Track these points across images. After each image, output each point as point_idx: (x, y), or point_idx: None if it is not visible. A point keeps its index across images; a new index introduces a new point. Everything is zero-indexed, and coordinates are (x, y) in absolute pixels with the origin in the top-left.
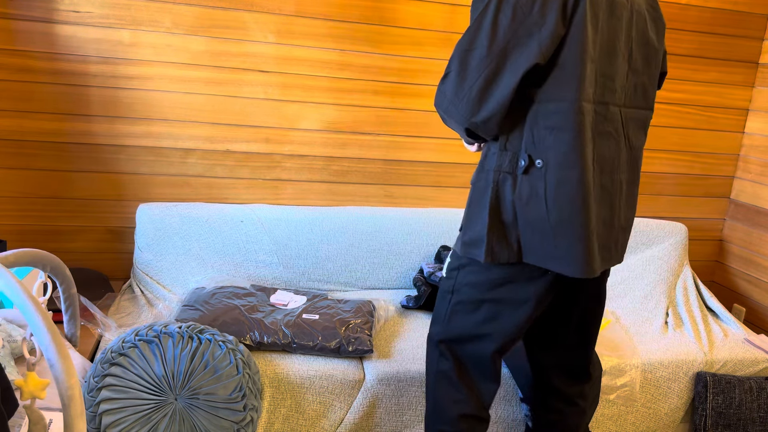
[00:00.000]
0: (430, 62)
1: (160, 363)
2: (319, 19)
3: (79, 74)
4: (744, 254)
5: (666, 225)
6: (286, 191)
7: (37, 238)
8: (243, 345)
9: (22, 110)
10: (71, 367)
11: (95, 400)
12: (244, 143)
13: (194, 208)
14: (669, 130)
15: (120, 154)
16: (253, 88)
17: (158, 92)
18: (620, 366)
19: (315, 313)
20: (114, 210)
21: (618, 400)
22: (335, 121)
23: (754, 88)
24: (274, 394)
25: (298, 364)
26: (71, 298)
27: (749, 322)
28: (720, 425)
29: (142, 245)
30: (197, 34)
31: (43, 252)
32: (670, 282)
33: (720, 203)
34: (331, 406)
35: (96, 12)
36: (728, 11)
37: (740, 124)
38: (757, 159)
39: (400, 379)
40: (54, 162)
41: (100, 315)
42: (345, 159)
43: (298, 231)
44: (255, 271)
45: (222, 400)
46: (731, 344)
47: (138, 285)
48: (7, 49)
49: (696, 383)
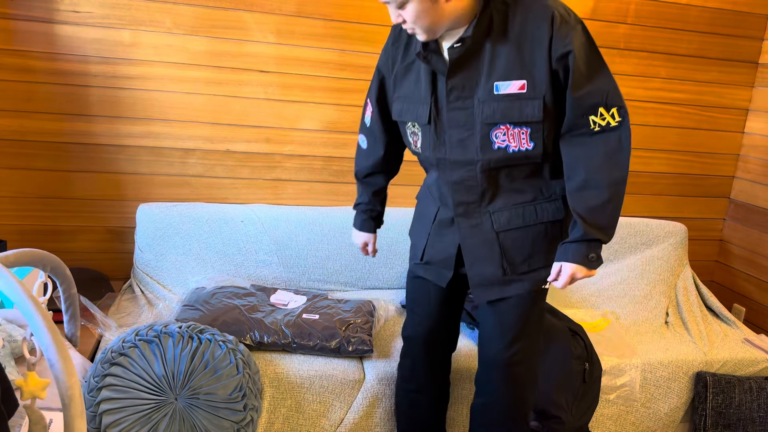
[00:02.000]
0: None
1: (160, 363)
2: (319, 19)
3: (80, 74)
4: (744, 254)
5: (666, 225)
6: (286, 191)
7: (37, 238)
8: (243, 345)
9: (22, 110)
10: (71, 367)
11: (95, 400)
12: (244, 143)
13: (194, 208)
14: (669, 130)
15: (120, 154)
16: (253, 88)
17: (158, 92)
18: (620, 366)
19: (315, 313)
20: (114, 210)
21: (618, 399)
22: (335, 121)
23: (754, 88)
24: (274, 394)
25: (298, 364)
26: (71, 298)
27: (749, 322)
28: (720, 425)
29: (143, 245)
30: (197, 34)
31: (43, 252)
32: (670, 282)
33: (720, 203)
34: (331, 406)
35: (96, 12)
36: (728, 11)
37: (740, 124)
38: (756, 159)
39: None
40: (54, 162)
41: (100, 315)
42: (345, 159)
43: (298, 231)
44: (255, 271)
45: (222, 400)
46: (731, 344)
47: (138, 285)
48: (7, 49)
49: (696, 383)
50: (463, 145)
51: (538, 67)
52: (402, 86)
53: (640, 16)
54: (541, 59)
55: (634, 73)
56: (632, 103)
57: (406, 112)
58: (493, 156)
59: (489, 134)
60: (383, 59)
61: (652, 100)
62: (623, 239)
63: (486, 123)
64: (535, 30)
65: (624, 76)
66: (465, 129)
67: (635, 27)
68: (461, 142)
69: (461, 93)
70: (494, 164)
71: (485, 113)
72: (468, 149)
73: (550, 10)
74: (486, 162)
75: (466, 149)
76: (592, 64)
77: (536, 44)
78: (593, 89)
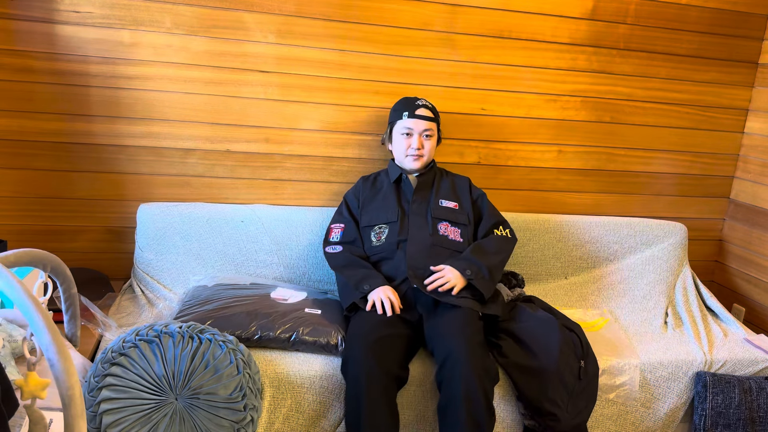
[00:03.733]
0: (430, 62)
1: (160, 363)
2: (319, 19)
3: (80, 74)
4: (744, 254)
5: (666, 225)
6: (286, 191)
7: (37, 238)
8: (243, 345)
9: (23, 110)
10: (72, 366)
11: (95, 400)
12: (245, 143)
13: (195, 208)
14: (669, 130)
15: (120, 154)
16: (253, 88)
17: (158, 92)
18: (619, 365)
19: (316, 309)
20: (114, 210)
21: (617, 399)
22: (335, 121)
23: (753, 88)
24: (274, 394)
25: (298, 364)
26: (71, 298)
27: (749, 322)
28: (719, 425)
29: (143, 245)
30: (197, 34)
31: (44, 252)
32: (670, 282)
33: (719, 203)
34: (331, 406)
35: (96, 12)
36: (728, 11)
37: (740, 124)
38: (756, 159)
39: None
40: (54, 162)
41: (100, 315)
42: (345, 159)
43: (298, 231)
44: (255, 271)
45: (222, 400)
46: (731, 344)
47: (138, 285)
48: (7, 49)
49: (695, 383)
50: (419, 231)
51: (464, 200)
52: (371, 204)
53: (640, 16)
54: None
55: (634, 73)
56: (632, 103)
57: (376, 218)
58: (437, 239)
59: (437, 225)
60: (351, 191)
61: (652, 100)
62: (623, 239)
63: (436, 218)
64: (459, 182)
65: (624, 76)
66: (422, 222)
67: (635, 27)
68: (419, 229)
69: (421, 203)
70: (437, 242)
71: (435, 213)
72: (422, 233)
73: (465, 177)
74: (434, 239)
75: (420, 233)
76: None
77: (462, 190)
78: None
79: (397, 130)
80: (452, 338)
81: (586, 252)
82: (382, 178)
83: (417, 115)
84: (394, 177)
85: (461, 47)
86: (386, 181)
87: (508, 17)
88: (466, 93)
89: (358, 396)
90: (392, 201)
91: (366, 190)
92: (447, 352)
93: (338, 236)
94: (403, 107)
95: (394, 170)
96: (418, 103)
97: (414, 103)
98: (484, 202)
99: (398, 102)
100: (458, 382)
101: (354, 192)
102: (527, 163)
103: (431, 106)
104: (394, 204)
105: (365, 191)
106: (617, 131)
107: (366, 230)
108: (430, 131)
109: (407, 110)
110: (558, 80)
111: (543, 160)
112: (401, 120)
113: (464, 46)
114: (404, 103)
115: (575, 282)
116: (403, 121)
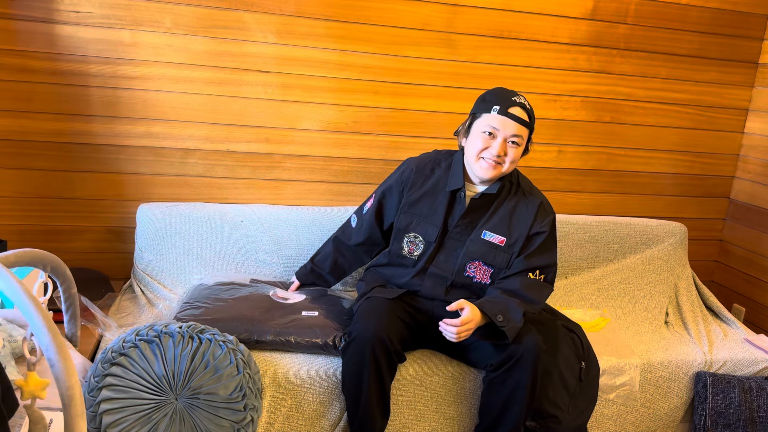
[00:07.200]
0: (430, 62)
1: (160, 363)
2: (319, 19)
3: (80, 74)
4: (744, 254)
5: (666, 225)
6: (286, 191)
7: (37, 238)
8: (243, 345)
9: (22, 110)
10: (72, 367)
11: (96, 400)
12: (245, 143)
13: (194, 208)
14: (669, 130)
15: (120, 154)
16: (253, 88)
17: (158, 92)
18: (619, 365)
19: (315, 310)
20: (114, 210)
21: (617, 399)
22: (335, 121)
23: (753, 88)
24: (274, 394)
25: (298, 364)
26: (72, 298)
27: (749, 322)
28: (719, 425)
29: (143, 245)
30: (197, 34)
31: (44, 252)
32: (670, 282)
33: (720, 203)
34: (331, 406)
35: (96, 12)
36: (728, 11)
37: (740, 124)
38: (756, 159)
39: (399, 378)
40: (54, 162)
41: (100, 315)
42: (345, 159)
43: (298, 231)
44: (255, 271)
45: (222, 400)
46: (731, 344)
47: (138, 285)
48: (7, 49)
49: (696, 383)
50: (445, 264)
51: (517, 234)
52: (416, 206)
53: (640, 16)
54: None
55: (634, 73)
56: (632, 103)
57: (415, 227)
58: (459, 279)
59: (465, 264)
60: (397, 178)
61: (652, 100)
62: (623, 239)
63: (467, 256)
64: (524, 209)
65: (624, 76)
66: (452, 255)
67: (635, 27)
68: (446, 262)
69: (463, 230)
70: (458, 282)
71: (469, 249)
72: (446, 270)
73: (538, 200)
74: (456, 279)
75: (444, 269)
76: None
77: (522, 219)
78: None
79: (478, 125)
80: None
81: (586, 252)
82: (439, 175)
83: (509, 114)
84: (452, 186)
85: (461, 47)
86: (442, 182)
87: (508, 17)
88: (466, 93)
89: (362, 353)
90: (440, 214)
91: (416, 187)
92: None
93: (366, 209)
94: (495, 99)
95: (456, 176)
96: (514, 100)
97: (510, 98)
98: (540, 240)
99: (490, 91)
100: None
101: (400, 181)
102: (527, 162)
103: (529, 107)
104: (441, 219)
105: (416, 187)
106: (617, 131)
107: (399, 233)
108: (519, 138)
109: (499, 104)
110: (558, 80)
111: (543, 160)
112: (488, 114)
113: (464, 46)
114: (497, 95)
115: (575, 282)
116: (490, 116)
